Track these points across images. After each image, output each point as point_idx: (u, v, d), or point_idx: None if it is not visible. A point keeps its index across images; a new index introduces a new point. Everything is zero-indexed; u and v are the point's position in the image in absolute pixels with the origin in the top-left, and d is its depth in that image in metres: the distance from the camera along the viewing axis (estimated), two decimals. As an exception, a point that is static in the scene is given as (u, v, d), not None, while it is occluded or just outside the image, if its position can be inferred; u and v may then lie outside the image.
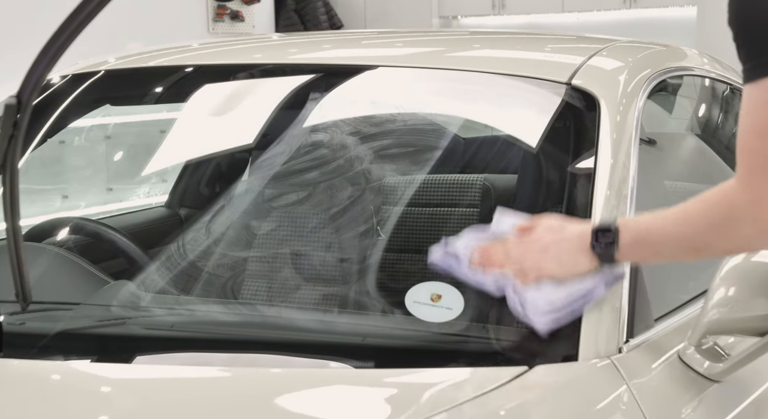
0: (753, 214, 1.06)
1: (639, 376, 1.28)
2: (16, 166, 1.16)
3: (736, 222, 1.09)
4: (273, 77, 2.11)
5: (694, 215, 1.14)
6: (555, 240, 1.23)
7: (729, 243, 1.13)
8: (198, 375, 1.33)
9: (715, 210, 1.11)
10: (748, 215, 1.07)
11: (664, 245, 1.18)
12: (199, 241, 1.93)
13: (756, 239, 1.09)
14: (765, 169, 1.04)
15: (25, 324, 1.41)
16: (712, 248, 1.15)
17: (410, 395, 1.26)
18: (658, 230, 1.17)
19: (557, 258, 1.23)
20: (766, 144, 1.02)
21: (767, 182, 1.04)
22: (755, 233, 1.07)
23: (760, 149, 1.02)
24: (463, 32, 4.09)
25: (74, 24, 1.11)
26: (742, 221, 1.08)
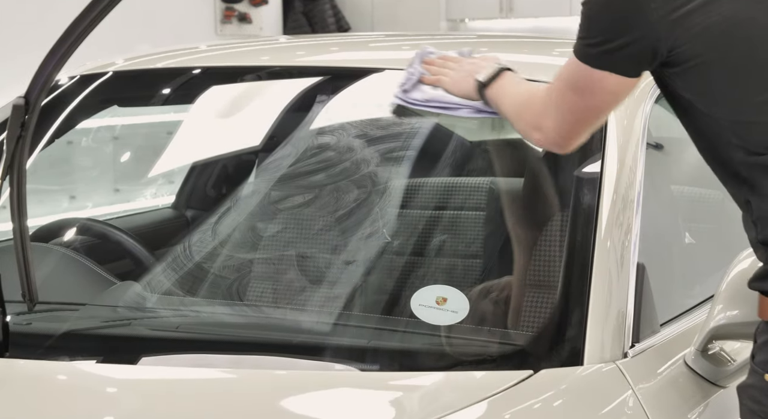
0: (533, 118, 1.40)
1: (644, 381, 1.28)
2: (23, 166, 1.16)
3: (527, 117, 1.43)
4: (280, 80, 2.11)
5: (518, 106, 1.46)
6: (464, 65, 1.58)
7: (521, 125, 1.46)
8: (203, 377, 1.33)
9: (524, 106, 1.44)
10: (533, 117, 1.41)
11: (503, 108, 1.49)
12: (205, 242, 1.93)
13: (529, 129, 1.42)
14: (550, 95, 1.35)
15: (31, 324, 1.41)
16: (520, 122, 1.47)
17: (415, 398, 1.26)
18: (507, 93, 1.48)
19: (455, 76, 1.57)
20: (557, 83, 1.34)
21: (548, 105, 1.35)
22: (528, 125, 1.42)
23: (556, 86, 1.34)
24: (471, 35, 4.09)
25: (82, 26, 1.11)
26: (530, 120, 1.42)
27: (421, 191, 2.17)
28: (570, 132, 1.34)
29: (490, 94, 1.50)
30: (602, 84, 1.26)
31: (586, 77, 1.26)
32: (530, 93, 1.44)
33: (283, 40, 3.46)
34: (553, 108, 1.33)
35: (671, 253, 1.66)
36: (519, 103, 1.44)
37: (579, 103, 1.30)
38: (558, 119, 1.33)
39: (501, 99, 1.49)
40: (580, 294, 1.34)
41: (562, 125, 1.33)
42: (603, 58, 1.25)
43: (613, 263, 1.37)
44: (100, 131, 2.68)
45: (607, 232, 1.39)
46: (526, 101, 1.43)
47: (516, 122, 1.46)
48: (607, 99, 1.29)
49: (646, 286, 1.38)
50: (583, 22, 1.27)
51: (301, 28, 5.88)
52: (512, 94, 1.47)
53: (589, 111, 1.31)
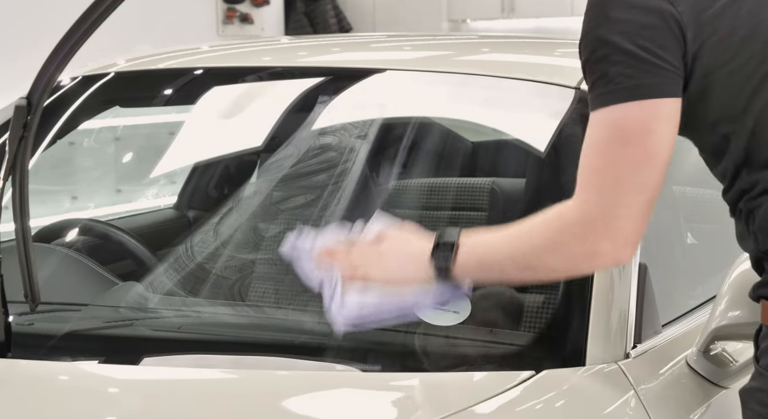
0: (582, 231, 1.06)
1: (646, 382, 1.28)
2: (26, 167, 1.16)
3: (567, 239, 1.07)
4: (282, 80, 2.11)
5: (531, 230, 1.12)
6: (393, 248, 1.20)
7: (559, 261, 1.09)
8: (205, 377, 1.33)
9: (551, 226, 1.10)
10: (577, 231, 1.06)
11: (500, 261, 1.14)
12: (207, 243, 1.93)
13: (581, 258, 1.07)
14: (591, 182, 1.05)
15: (33, 325, 1.41)
16: (544, 266, 1.11)
17: (416, 399, 1.26)
18: (495, 245, 1.15)
19: (387, 265, 1.19)
20: (592, 162, 1.04)
21: (597, 198, 1.04)
22: (581, 252, 1.06)
23: (590, 165, 1.05)
24: (472, 36, 4.09)
25: (84, 26, 1.12)
26: (572, 239, 1.07)
27: (423, 191, 2.17)
28: (641, 214, 1.05)
29: (464, 269, 1.15)
30: (660, 110, 1.04)
31: (641, 115, 1.02)
32: (521, 224, 1.12)
33: (285, 40, 3.47)
34: (606, 196, 1.02)
35: (673, 253, 1.66)
36: (528, 238, 1.10)
37: (641, 159, 1.02)
38: (624, 202, 1.03)
39: (486, 260, 1.14)
40: (581, 295, 1.34)
41: (632, 209, 1.04)
42: (650, 84, 1.04)
43: (614, 264, 1.36)
44: (102, 132, 2.68)
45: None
46: (529, 230, 1.10)
47: (536, 259, 1.09)
48: (669, 132, 1.05)
49: (648, 286, 1.38)
50: (605, 67, 1.04)
51: (303, 29, 5.88)
52: (501, 244, 1.13)
53: (657, 156, 1.04)
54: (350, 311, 1.22)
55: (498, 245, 1.14)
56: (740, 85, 1.12)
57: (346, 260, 1.21)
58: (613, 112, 1.03)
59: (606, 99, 1.04)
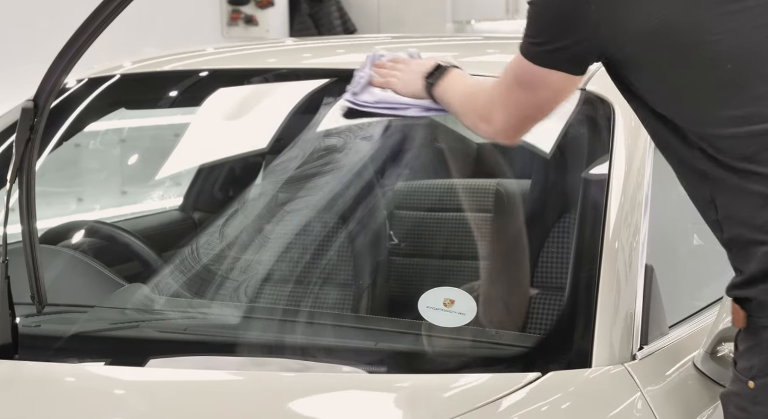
0: (482, 110, 1.44)
1: (653, 383, 1.28)
2: (33, 169, 1.16)
3: (472, 112, 1.48)
4: (287, 82, 2.11)
5: (471, 93, 1.49)
6: (413, 67, 1.62)
7: (470, 120, 1.50)
8: (210, 378, 1.33)
9: (473, 98, 1.47)
10: (479, 108, 1.45)
11: (453, 99, 1.52)
12: (212, 245, 1.93)
13: (478, 124, 1.46)
14: (497, 89, 1.38)
15: (40, 326, 1.41)
16: (464, 117, 1.52)
17: (422, 400, 1.26)
18: (458, 87, 1.51)
19: (403, 77, 1.62)
20: (504, 78, 1.37)
21: (495, 96, 1.39)
22: (483, 127, 1.44)
23: (503, 80, 1.37)
24: (477, 37, 4.09)
25: (91, 29, 1.12)
26: (476, 112, 1.46)
27: (427, 192, 2.17)
28: (517, 125, 1.39)
29: (438, 92, 1.54)
30: (547, 81, 1.29)
31: (531, 74, 1.29)
32: (477, 87, 1.49)
33: (290, 42, 3.47)
34: (500, 102, 1.37)
35: (679, 255, 1.66)
36: (466, 97, 1.49)
37: (525, 98, 1.33)
38: (505, 112, 1.37)
39: (448, 94, 1.53)
40: (588, 296, 1.34)
41: (509, 119, 1.37)
42: (547, 56, 1.27)
43: (621, 265, 1.37)
44: (108, 134, 2.68)
45: (615, 233, 1.39)
46: (474, 95, 1.47)
47: (463, 115, 1.51)
48: (552, 96, 1.33)
49: (654, 288, 1.38)
50: (528, 21, 1.30)
51: (308, 30, 5.88)
52: (459, 89, 1.51)
53: (535, 107, 1.35)
54: (365, 97, 1.65)
55: (456, 92, 1.51)
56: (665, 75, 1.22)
57: (383, 68, 1.65)
58: (519, 58, 1.32)
59: (521, 48, 1.31)
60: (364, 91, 1.67)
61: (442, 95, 1.54)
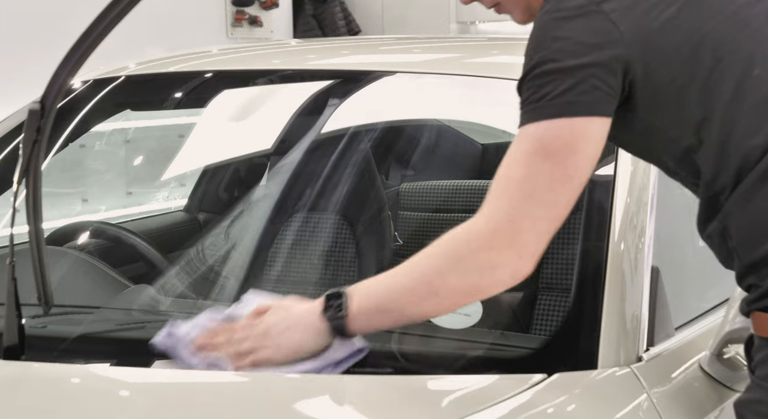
0: (488, 239, 1.01)
1: (659, 385, 1.28)
2: (39, 170, 1.16)
3: (471, 250, 1.03)
4: (293, 83, 2.11)
5: (430, 254, 1.07)
6: (277, 321, 1.14)
7: (462, 277, 1.03)
8: (216, 380, 1.33)
9: (454, 241, 1.05)
10: (483, 240, 1.02)
11: (400, 296, 1.08)
12: (217, 246, 1.93)
13: (485, 270, 1.02)
14: (504, 192, 1.02)
15: (46, 327, 1.42)
16: (447, 288, 1.05)
17: (427, 402, 1.26)
18: (391, 282, 1.08)
19: (274, 338, 1.13)
20: (509, 172, 1.03)
21: (508, 208, 1.00)
22: (486, 262, 1.01)
23: (507, 176, 1.03)
24: (482, 38, 4.08)
25: (97, 31, 1.12)
26: (476, 249, 1.02)
27: (433, 194, 2.17)
28: (550, 229, 1.03)
29: (361, 317, 1.10)
30: (588, 131, 1.02)
31: (567, 132, 1.00)
32: (439, 242, 1.06)
33: (294, 43, 3.47)
34: (514, 213, 1.00)
35: (685, 256, 1.66)
36: (424, 268, 1.05)
37: (561, 174, 1.00)
38: (534, 215, 1.00)
39: (384, 302, 1.09)
40: (593, 297, 1.33)
41: (539, 224, 1.01)
42: (582, 102, 1.02)
43: (627, 266, 1.36)
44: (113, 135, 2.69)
45: (621, 235, 1.39)
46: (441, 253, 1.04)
47: (438, 286, 1.04)
48: (594, 153, 1.05)
49: (660, 289, 1.37)
50: (540, 85, 1.03)
51: (312, 31, 5.88)
52: (397, 280, 1.07)
53: (576, 177, 1.03)
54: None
55: (395, 280, 1.08)
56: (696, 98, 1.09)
57: (229, 344, 1.15)
58: (540, 127, 1.01)
59: (535, 115, 1.01)
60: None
61: (371, 313, 1.10)
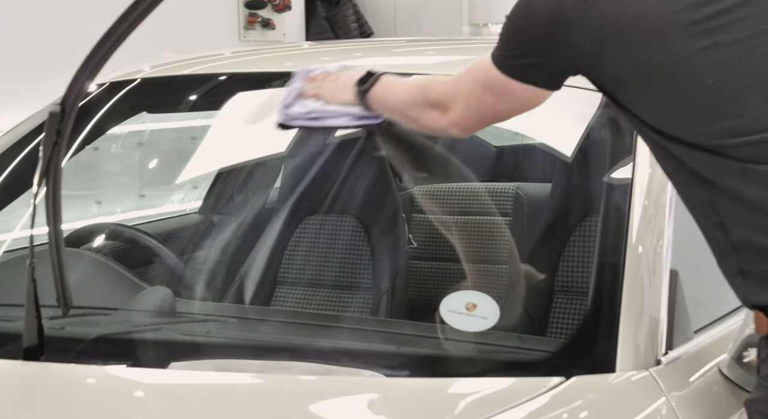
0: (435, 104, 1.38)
1: (678, 388, 1.27)
2: (59, 172, 1.17)
3: (424, 105, 1.40)
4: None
5: (413, 89, 1.43)
6: (342, 76, 1.56)
7: (420, 120, 1.42)
8: (232, 381, 1.33)
9: (421, 92, 1.41)
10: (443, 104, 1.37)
11: (394, 101, 1.47)
12: (233, 248, 1.94)
13: (428, 120, 1.40)
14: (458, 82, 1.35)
15: (65, 329, 1.42)
16: (411, 117, 1.44)
17: (443, 404, 1.25)
18: (397, 89, 1.46)
19: (332, 85, 1.56)
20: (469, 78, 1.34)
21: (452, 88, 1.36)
22: (435, 115, 1.38)
23: (466, 76, 1.34)
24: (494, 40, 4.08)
25: (117, 34, 1.12)
26: (428, 108, 1.39)
27: (446, 196, 2.17)
28: (473, 123, 1.37)
29: (373, 97, 1.49)
30: (516, 93, 1.27)
31: (503, 84, 1.27)
32: (425, 82, 1.44)
33: (307, 45, 3.47)
34: (461, 97, 1.34)
35: (703, 259, 1.65)
36: (413, 92, 1.43)
37: (490, 102, 1.31)
38: (465, 107, 1.34)
39: (388, 96, 1.48)
40: (611, 300, 1.33)
41: (467, 114, 1.34)
42: (521, 70, 1.25)
43: (645, 269, 1.36)
44: (126, 137, 2.69)
45: (639, 237, 1.38)
46: (424, 88, 1.42)
47: (409, 110, 1.44)
48: (518, 107, 1.31)
49: (679, 292, 1.37)
50: (504, 33, 1.27)
51: (324, 34, 5.88)
52: (401, 88, 1.47)
53: (498, 113, 1.34)
54: (296, 109, 1.59)
55: (398, 89, 1.46)
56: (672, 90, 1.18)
57: (315, 81, 1.60)
58: (492, 68, 1.28)
59: (494, 56, 1.28)
60: (296, 103, 1.61)
61: (379, 99, 1.49)
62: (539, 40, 1.22)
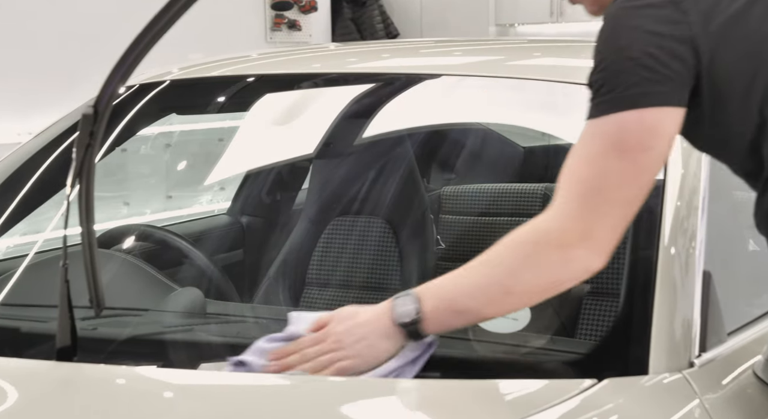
0: (559, 238, 1.04)
1: (711, 391, 1.26)
2: (92, 174, 1.18)
3: (543, 249, 1.05)
4: (334, 87, 2.12)
5: (501, 253, 1.09)
6: (349, 328, 1.16)
7: (537, 275, 1.07)
8: (262, 383, 1.33)
9: (524, 241, 1.07)
10: (553, 239, 1.04)
11: (473, 296, 1.10)
12: (261, 249, 1.95)
13: (559, 266, 1.05)
14: (572, 189, 1.03)
15: (97, 329, 1.43)
16: (522, 286, 1.09)
17: (474, 406, 1.25)
18: (462, 282, 1.11)
19: (352, 347, 1.15)
20: (578, 168, 1.02)
21: (578, 206, 1.02)
22: (559, 259, 1.04)
23: (577, 174, 1.02)
24: (522, 40, 4.06)
25: (149, 35, 1.13)
26: (548, 248, 1.05)
27: (474, 197, 2.16)
28: (622, 224, 1.05)
29: (434, 320, 1.12)
30: (661, 125, 1.01)
31: (641, 127, 0.99)
32: (510, 240, 1.08)
33: (333, 47, 3.48)
34: (595, 204, 1.01)
35: (737, 260, 1.63)
36: (493, 264, 1.07)
37: (630, 169, 1.00)
38: (593, 217, 1.01)
39: (458, 303, 1.10)
40: (644, 302, 1.32)
41: (610, 220, 1.02)
42: (655, 93, 1.01)
43: (677, 271, 1.35)
44: (153, 139, 2.71)
45: (672, 239, 1.37)
46: (509, 246, 1.06)
47: (510, 282, 1.06)
48: (666, 146, 1.05)
49: (712, 294, 1.35)
50: (610, 76, 1.02)
51: (350, 35, 5.90)
52: (466, 282, 1.09)
53: (648, 173, 1.04)
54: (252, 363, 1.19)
55: (467, 281, 1.10)
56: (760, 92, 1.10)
57: (303, 357, 1.17)
58: (609, 121, 1.00)
59: (605, 107, 1.01)
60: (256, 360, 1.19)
61: (448, 315, 1.11)
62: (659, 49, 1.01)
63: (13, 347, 1.40)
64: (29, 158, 1.86)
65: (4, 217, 1.74)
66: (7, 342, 1.45)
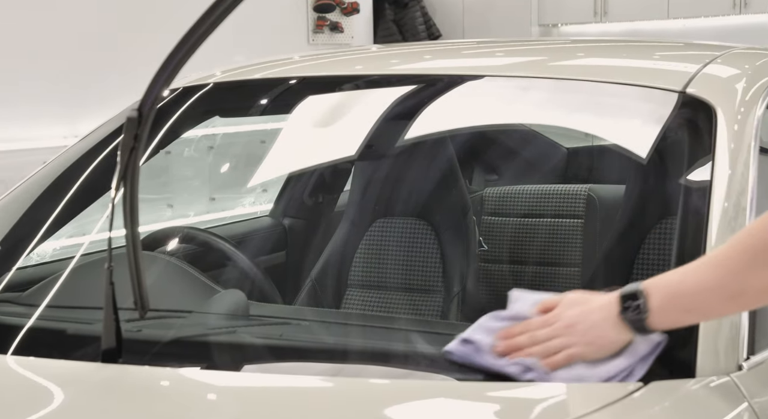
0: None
1: (761, 394, 1.23)
2: (137, 177, 1.19)
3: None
4: (376, 88, 2.12)
5: (736, 250, 1.04)
6: (580, 314, 1.14)
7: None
8: (304, 385, 1.34)
9: (759, 238, 1.02)
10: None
11: (701, 298, 1.08)
12: (304, 251, 1.95)
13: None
14: None
15: (141, 331, 1.44)
16: (757, 285, 1.04)
17: (517, 410, 1.24)
18: (690, 282, 1.08)
19: (584, 334, 1.13)
20: None
21: None
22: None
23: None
24: (566, 40, 4.03)
25: (193, 38, 1.14)
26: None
27: (517, 198, 2.15)
28: None
29: (660, 320, 1.10)
30: None
31: None
32: (745, 236, 1.03)
33: (375, 48, 3.48)
34: None
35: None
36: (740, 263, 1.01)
37: None
38: None
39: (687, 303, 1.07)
40: (691, 305, 1.29)
41: None
42: None
43: (725, 273, 1.32)
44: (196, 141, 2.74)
45: (719, 240, 1.35)
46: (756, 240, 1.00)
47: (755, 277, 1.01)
48: None
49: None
50: None
51: (392, 36, 5.91)
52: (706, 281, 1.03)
53: None
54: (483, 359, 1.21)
55: (697, 278, 1.07)
56: None
57: (532, 339, 1.16)
58: None
59: None
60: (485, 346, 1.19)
61: (677, 311, 1.08)
62: None
63: (59, 349, 1.42)
64: (75, 161, 1.89)
65: (51, 220, 1.77)
66: (53, 343, 1.47)
